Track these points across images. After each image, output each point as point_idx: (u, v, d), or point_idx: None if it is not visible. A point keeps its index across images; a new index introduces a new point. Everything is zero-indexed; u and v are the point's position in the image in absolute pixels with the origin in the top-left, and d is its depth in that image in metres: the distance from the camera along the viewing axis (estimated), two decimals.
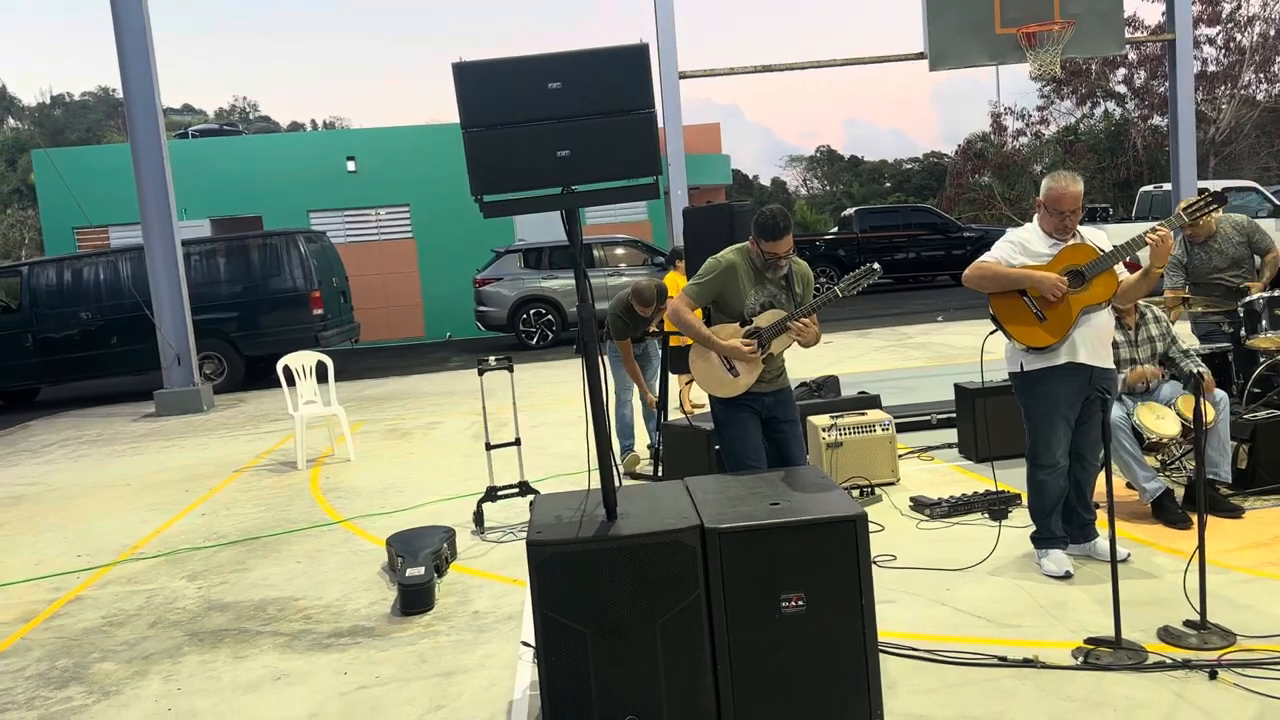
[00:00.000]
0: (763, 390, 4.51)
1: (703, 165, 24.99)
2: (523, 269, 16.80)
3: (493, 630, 4.51)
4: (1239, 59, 27.99)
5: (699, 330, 4.48)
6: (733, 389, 4.48)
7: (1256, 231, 6.60)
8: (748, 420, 4.53)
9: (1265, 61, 28.23)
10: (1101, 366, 4.54)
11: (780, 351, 4.50)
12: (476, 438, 8.70)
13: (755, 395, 4.51)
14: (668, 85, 10.46)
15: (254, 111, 59.97)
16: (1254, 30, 27.94)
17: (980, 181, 31.43)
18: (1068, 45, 8.71)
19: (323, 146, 21.15)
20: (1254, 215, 15.97)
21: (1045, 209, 4.49)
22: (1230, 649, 3.69)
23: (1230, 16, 27.84)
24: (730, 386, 4.49)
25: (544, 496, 3.85)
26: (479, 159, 3.16)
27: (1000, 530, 5.18)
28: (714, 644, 3.23)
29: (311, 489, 7.65)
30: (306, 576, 5.54)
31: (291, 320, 14.01)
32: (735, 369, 4.46)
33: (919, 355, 12.12)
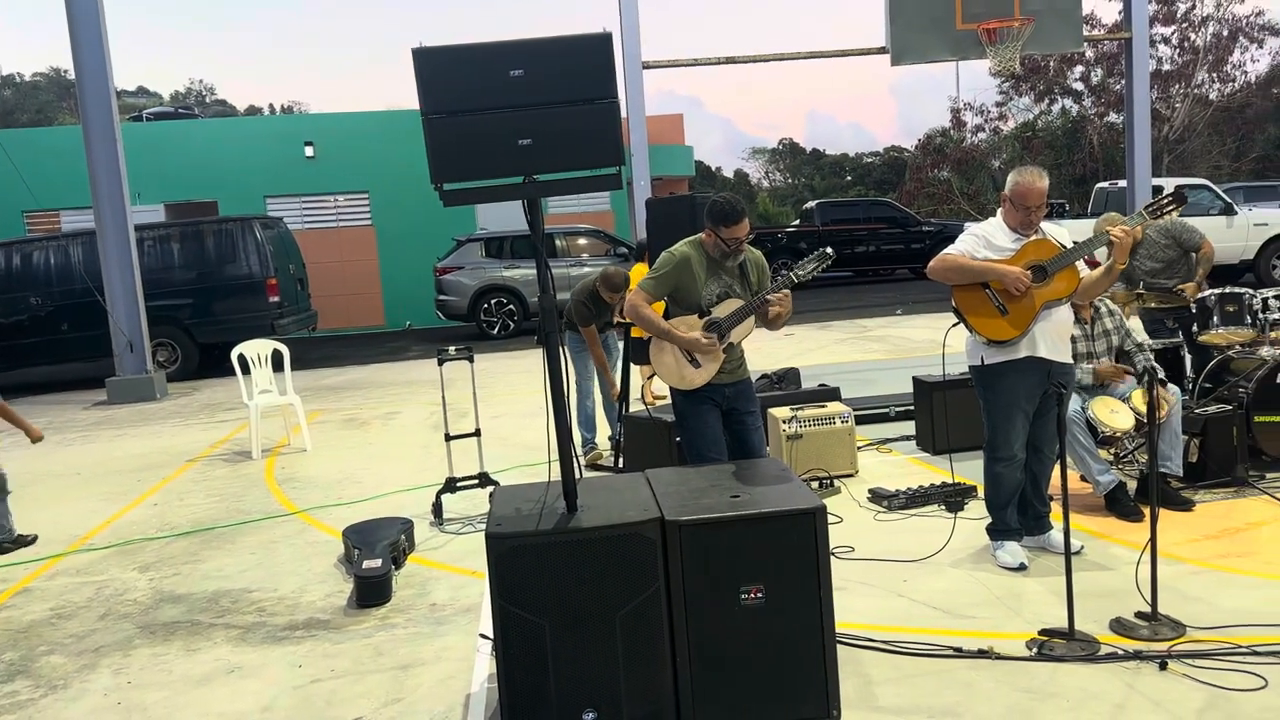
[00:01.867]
0: (723, 381, 4.52)
1: (666, 156, 24.97)
2: (484, 258, 16.69)
3: (451, 622, 4.47)
4: (1193, 58, 28.48)
5: (658, 324, 4.48)
6: (694, 381, 4.49)
7: (1183, 230, 6.66)
8: (709, 412, 4.54)
9: (1218, 61, 28.76)
10: (1060, 361, 4.59)
11: (739, 341, 4.52)
12: (436, 428, 8.63)
13: (716, 387, 4.51)
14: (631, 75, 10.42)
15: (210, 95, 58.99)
16: (1207, 30, 28.47)
17: (939, 176, 31.73)
18: (1027, 42, 8.80)
19: (280, 131, 20.85)
20: (1206, 213, 16.29)
21: (1011, 203, 4.53)
22: (1180, 640, 3.75)
23: (1184, 16, 28.32)
24: (691, 379, 4.49)
25: (504, 488, 3.83)
26: (439, 146, 3.12)
27: (956, 522, 5.23)
28: (673, 636, 3.23)
29: (266, 479, 7.55)
30: (261, 568, 5.47)
31: (247, 308, 13.81)
32: (696, 361, 4.47)
33: (879, 348, 12.21)
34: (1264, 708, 3.25)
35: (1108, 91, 28.56)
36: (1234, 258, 16.42)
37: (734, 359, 4.56)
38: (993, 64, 9.01)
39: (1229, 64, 29.16)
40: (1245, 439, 5.66)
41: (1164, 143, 27.57)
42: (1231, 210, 16.71)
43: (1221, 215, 16.51)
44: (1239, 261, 16.58)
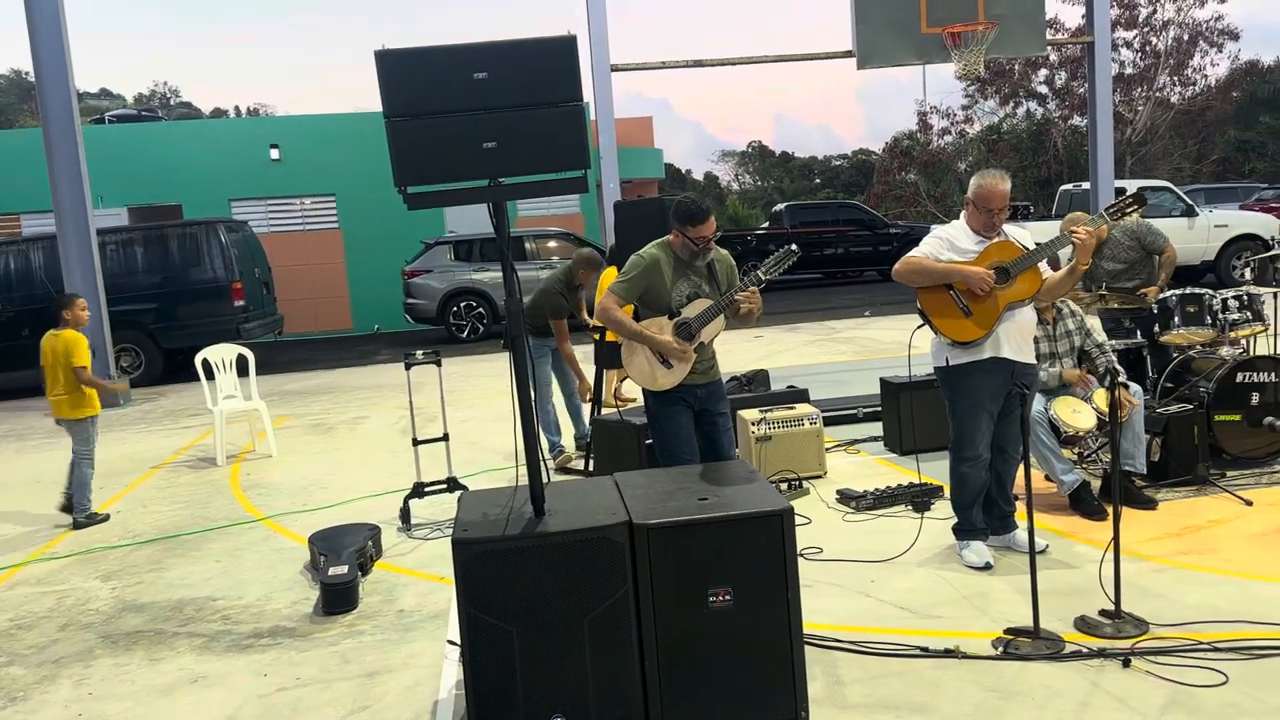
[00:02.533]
0: (696, 382, 4.56)
1: (636, 159, 24.97)
2: (453, 261, 16.62)
3: (418, 629, 4.44)
4: (1154, 62, 28.89)
5: (630, 327, 4.51)
6: (666, 382, 4.52)
7: (1148, 233, 6.73)
8: (681, 413, 4.57)
9: (1179, 65, 29.20)
10: (1023, 361, 4.63)
11: (710, 340, 4.55)
12: (404, 433, 8.57)
13: (689, 388, 4.55)
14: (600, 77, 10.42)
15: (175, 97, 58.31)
16: (1168, 35, 28.88)
17: (907, 178, 31.98)
18: (991, 45, 8.88)
19: (245, 134, 20.65)
20: (1168, 214, 16.52)
21: (974, 206, 4.57)
22: (1143, 637, 3.79)
23: (1146, 21, 28.72)
24: (664, 380, 4.52)
25: (470, 493, 3.81)
26: (402, 149, 3.09)
27: (923, 522, 5.26)
28: (641, 640, 3.22)
29: (231, 486, 7.46)
30: (226, 576, 5.40)
31: (212, 312, 13.65)
32: (667, 363, 4.49)
33: (847, 349, 12.27)
34: (1225, 703, 3.29)
35: (1071, 94, 28.91)
36: (1195, 259, 16.66)
37: (705, 360, 4.59)
38: (958, 68, 9.09)
39: (1189, 68, 29.62)
40: (1206, 438, 5.74)
41: (1126, 145, 27.93)
42: (1193, 212, 16.96)
43: (1183, 217, 16.75)
44: (1200, 262, 16.83)
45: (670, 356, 4.47)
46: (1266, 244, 16.11)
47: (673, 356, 4.46)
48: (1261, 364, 5.92)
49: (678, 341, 4.45)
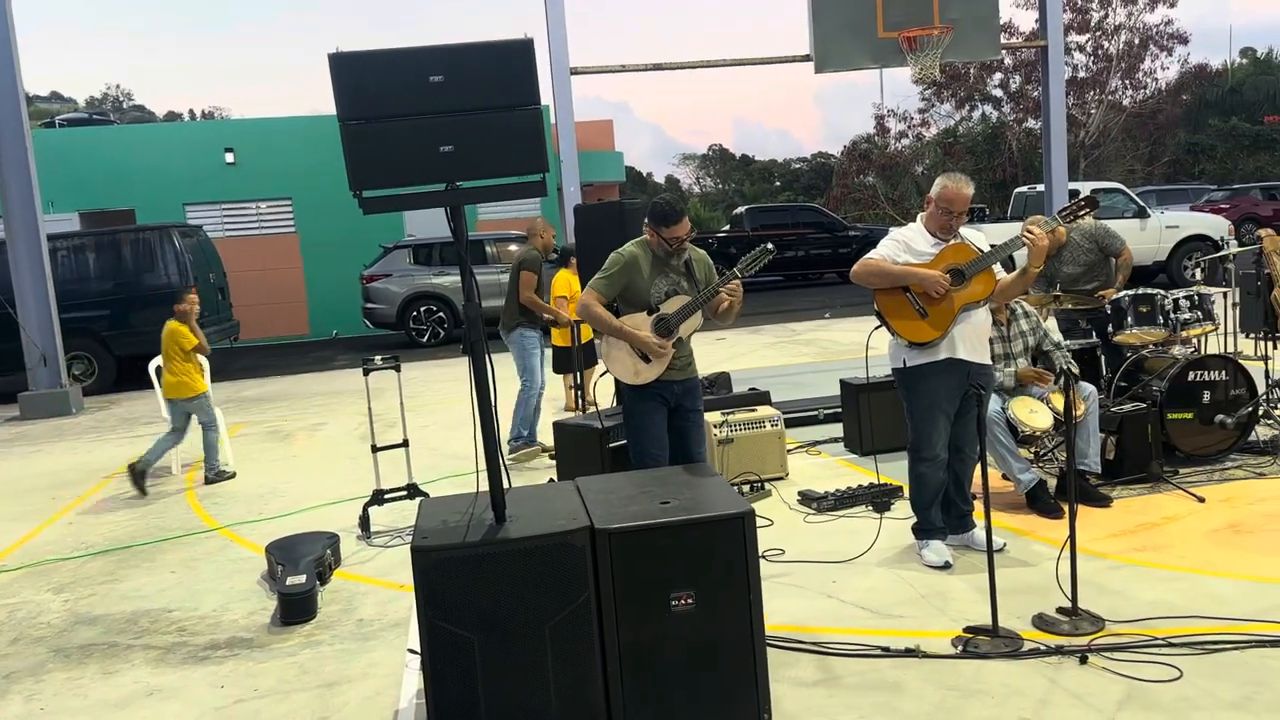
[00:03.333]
0: (673, 378, 4.64)
1: (596, 162, 24.92)
2: (412, 265, 16.51)
3: (378, 638, 4.39)
4: (1106, 66, 29.39)
5: (610, 322, 4.58)
6: (645, 376, 4.59)
7: (1105, 236, 6.82)
8: (656, 410, 4.64)
9: (1130, 69, 29.72)
10: (979, 362, 4.68)
11: (688, 335, 4.63)
12: (363, 439, 8.48)
13: (666, 383, 4.62)
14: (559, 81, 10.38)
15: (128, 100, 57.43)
16: (1120, 39, 29.37)
17: (865, 181, 32.23)
18: (947, 49, 8.96)
19: (200, 137, 20.36)
20: (1120, 215, 16.79)
21: (936, 207, 4.61)
22: (1100, 634, 3.84)
23: (1098, 25, 29.19)
24: (643, 374, 4.59)
25: (430, 500, 3.77)
26: (357, 153, 3.06)
27: (882, 522, 5.30)
28: (604, 645, 3.21)
29: (187, 495, 7.35)
30: (181, 587, 5.32)
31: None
32: (647, 357, 4.57)
33: (808, 351, 12.35)
34: (1179, 698, 3.35)
35: (1026, 98, 29.30)
36: (1147, 259, 16.95)
37: (684, 356, 4.68)
38: (914, 71, 9.17)
39: (1141, 71, 30.17)
40: (1159, 436, 5.83)
41: (1080, 148, 28.37)
42: (1144, 213, 17.26)
43: (1135, 218, 17.05)
44: (1152, 263, 17.13)
45: (648, 352, 4.55)
46: (1216, 244, 16.43)
47: (651, 352, 4.54)
48: (1212, 363, 6.03)
49: (656, 337, 4.53)
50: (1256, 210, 24.81)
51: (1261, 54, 39.56)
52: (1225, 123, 34.96)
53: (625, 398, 4.73)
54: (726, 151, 57.35)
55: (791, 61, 9.49)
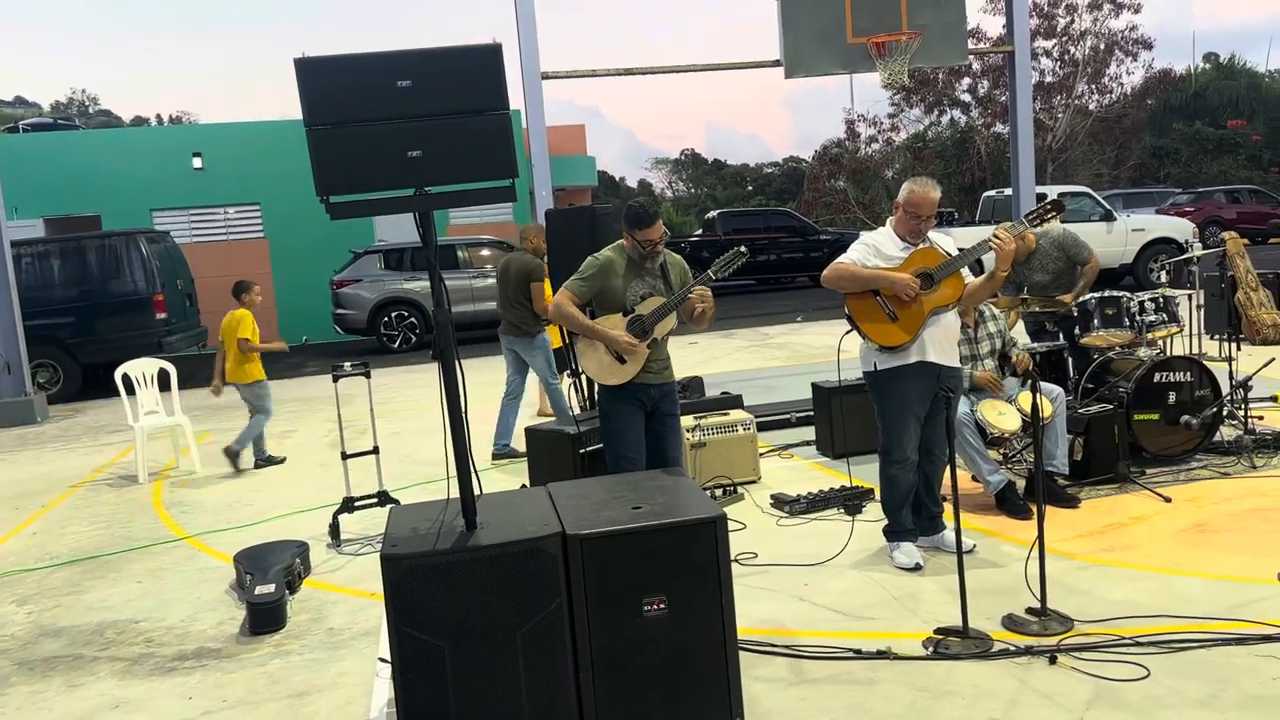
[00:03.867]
0: (650, 382, 4.66)
1: (568, 166, 24.90)
2: (383, 270, 16.41)
3: (349, 647, 4.36)
4: (1073, 71, 29.73)
5: (584, 323, 4.61)
6: (621, 375, 4.61)
7: (1073, 245, 6.87)
8: (633, 413, 4.66)
9: (1096, 74, 30.07)
10: (949, 365, 4.72)
11: (663, 335, 4.65)
12: (333, 446, 8.40)
13: (643, 387, 4.64)
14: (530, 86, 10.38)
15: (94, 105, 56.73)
16: (1086, 44, 29.72)
17: (836, 186, 32.40)
18: (915, 55, 9.03)
19: (167, 142, 20.15)
20: (1087, 219, 16.97)
21: (904, 212, 4.64)
22: (1069, 634, 3.87)
23: (1064, 30, 29.53)
24: (619, 373, 4.61)
25: (400, 508, 3.75)
26: (324, 158, 3.03)
27: (854, 525, 5.32)
28: (576, 651, 3.20)
29: (154, 504, 7.26)
30: (148, 597, 5.25)
31: (133, 325, 13.28)
32: (621, 357, 4.59)
33: (780, 355, 12.39)
34: (1147, 696, 3.38)
35: (993, 103, 29.57)
36: (1114, 262, 17.14)
37: (660, 359, 4.70)
38: (883, 77, 9.23)
39: (1106, 76, 30.54)
40: (1126, 437, 5.89)
41: (1047, 152, 28.66)
42: (1111, 217, 17.46)
43: (1101, 221, 17.23)
44: (1119, 266, 17.32)
45: (622, 351, 4.57)
46: (1181, 247, 16.67)
47: (625, 351, 4.56)
48: (1178, 364, 6.10)
49: (629, 337, 4.55)
50: (1220, 213, 25.20)
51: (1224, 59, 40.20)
52: (1189, 127, 35.46)
53: (602, 400, 4.74)
54: (699, 156, 57.53)
55: (762, 67, 9.53)
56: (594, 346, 4.65)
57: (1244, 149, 34.91)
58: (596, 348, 4.64)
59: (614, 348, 4.58)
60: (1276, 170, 34.75)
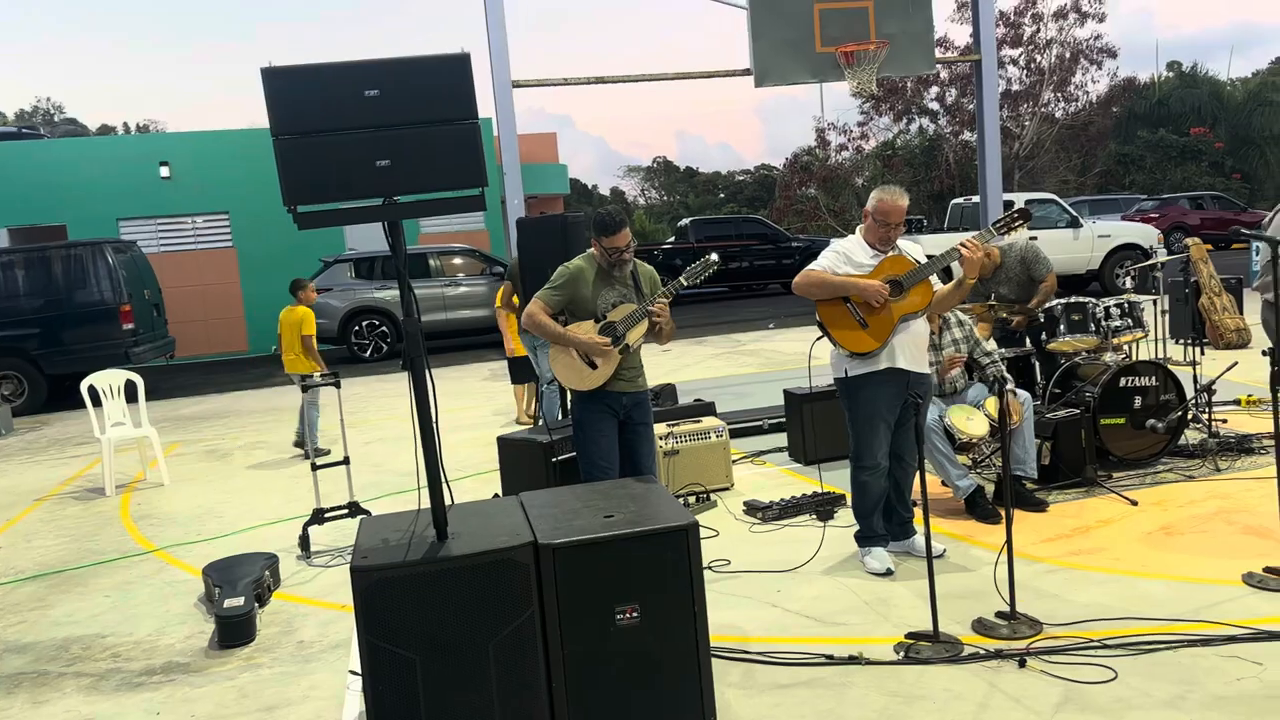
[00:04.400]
0: (623, 389, 4.68)
1: (540, 174, 24.90)
2: (354, 279, 16.32)
3: (319, 660, 4.32)
4: (1039, 79, 30.05)
5: (556, 330, 4.64)
6: (593, 381, 4.63)
7: (1035, 261, 6.92)
8: (606, 422, 4.68)
9: (1062, 82, 30.41)
10: (918, 372, 4.75)
11: (634, 342, 4.67)
12: (303, 457, 8.36)
13: (615, 394, 4.66)
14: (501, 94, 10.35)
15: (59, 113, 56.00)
16: (1052, 53, 30.06)
17: (807, 193, 32.56)
18: (883, 64, 9.09)
19: (134, 151, 19.93)
20: (1054, 225, 17.16)
21: (873, 219, 4.68)
22: (1037, 637, 3.91)
23: (1031, 39, 29.85)
24: (591, 379, 4.63)
25: (371, 518, 3.72)
26: (291, 168, 3.02)
27: (826, 531, 5.35)
28: (548, 661, 3.19)
29: (121, 517, 7.17)
30: (115, 611, 5.18)
31: (99, 336, 13.12)
32: (594, 363, 4.60)
33: (752, 362, 12.43)
34: (1115, 699, 3.41)
35: (961, 111, 29.85)
36: (1080, 268, 17.34)
37: (633, 367, 4.72)
38: (851, 86, 9.28)
39: (1072, 84, 30.86)
40: (1093, 441, 5.96)
41: (1014, 159, 28.96)
42: (1077, 223, 17.66)
43: (1068, 228, 17.43)
44: (1085, 271, 17.52)
45: (593, 355, 4.59)
46: (1146, 253, 16.88)
47: (596, 354, 4.59)
48: (1143, 368, 6.18)
49: (601, 339, 4.58)
50: (1185, 219, 25.57)
51: (1186, 68, 40.77)
52: (1153, 134, 35.96)
53: (574, 408, 4.76)
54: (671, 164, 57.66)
55: (732, 75, 9.57)
56: (566, 353, 4.67)
57: (1207, 156, 35.44)
58: (569, 354, 4.66)
59: (585, 352, 4.60)
60: (1239, 176, 35.29)
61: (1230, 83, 40.14)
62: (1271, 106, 35.83)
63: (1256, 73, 42.62)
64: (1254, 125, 35.68)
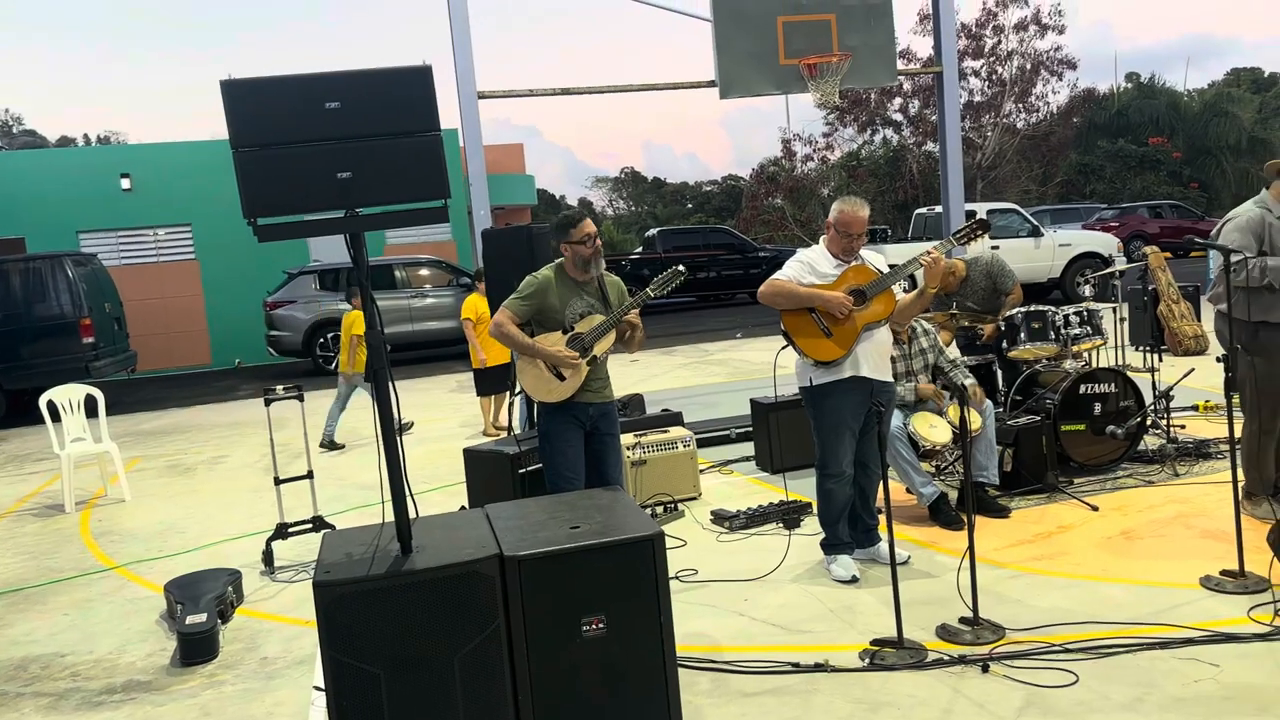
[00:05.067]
0: (590, 400, 4.66)
1: (507, 185, 24.87)
2: (319, 291, 16.20)
3: (283, 676, 4.28)
4: (1000, 90, 30.42)
5: (523, 341, 4.62)
6: (561, 393, 4.61)
7: (1000, 274, 7.02)
8: (572, 431, 4.65)
9: (1023, 93, 30.81)
10: (881, 380, 4.80)
11: (602, 353, 4.65)
12: (267, 471, 8.27)
13: (582, 406, 4.65)
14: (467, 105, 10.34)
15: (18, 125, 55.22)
16: (1013, 64, 30.46)
17: (773, 204, 32.74)
18: (846, 76, 9.18)
19: (95, 163, 19.69)
20: (1015, 235, 17.38)
21: (835, 230, 4.73)
22: (1000, 642, 3.95)
23: (992, 51, 30.24)
24: (558, 391, 4.61)
25: (334, 533, 3.69)
26: (251, 180, 3.00)
27: (792, 539, 5.37)
28: (514, 674, 3.18)
29: (81, 534, 7.06)
30: (75, 630, 5.10)
31: (59, 350, 12.93)
32: (561, 374, 4.58)
33: (719, 371, 12.47)
34: (1076, 702, 3.46)
35: (924, 122, 30.16)
36: (1042, 276, 17.57)
37: (600, 378, 4.71)
38: (815, 97, 9.36)
39: (1033, 95, 31.27)
40: (1054, 447, 6.04)
41: (977, 169, 29.28)
42: (1038, 232, 17.90)
43: (1029, 237, 17.66)
44: (1046, 280, 17.75)
45: (561, 366, 4.58)
46: (1107, 261, 17.13)
47: (564, 365, 4.57)
48: (1102, 376, 6.27)
49: (568, 352, 4.56)
50: (1144, 228, 25.99)
51: (1145, 79, 41.46)
52: (1113, 144, 36.50)
53: (540, 419, 4.74)
54: (639, 174, 57.79)
55: (698, 87, 9.62)
56: (533, 364, 4.66)
57: (1165, 165, 36.04)
58: (536, 365, 4.65)
59: (553, 363, 4.59)
60: (1196, 186, 35.91)
61: (1187, 93, 40.89)
62: (1227, 117, 36.51)
63: (1212, 84, 43.50)
64: (1210, 135, 36.33)
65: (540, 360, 4.62)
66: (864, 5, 9.32)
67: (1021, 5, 29.65)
